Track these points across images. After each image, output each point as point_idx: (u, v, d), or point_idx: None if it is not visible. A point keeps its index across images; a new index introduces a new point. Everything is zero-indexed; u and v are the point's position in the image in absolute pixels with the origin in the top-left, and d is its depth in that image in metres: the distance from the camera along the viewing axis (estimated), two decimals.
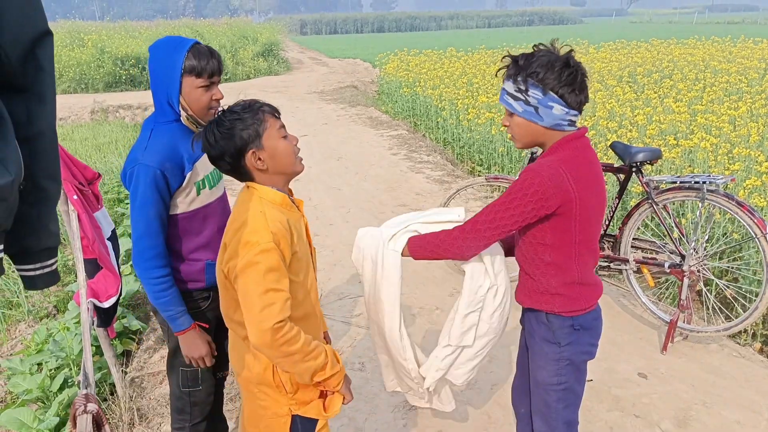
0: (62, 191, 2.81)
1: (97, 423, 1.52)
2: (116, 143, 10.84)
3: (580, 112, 1.80)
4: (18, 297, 4.65)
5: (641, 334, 3.76)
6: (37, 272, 1.14)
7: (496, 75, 1.91)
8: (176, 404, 2.40)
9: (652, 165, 3.63)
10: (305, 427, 1.89)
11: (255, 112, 1.72)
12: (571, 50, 1.80)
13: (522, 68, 1.76)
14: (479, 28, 64.85)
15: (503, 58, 1.86)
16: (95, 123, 13.33)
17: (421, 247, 2.01)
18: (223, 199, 2.35)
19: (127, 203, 6.67)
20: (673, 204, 4.31)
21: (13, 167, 0.95)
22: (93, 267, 2.99)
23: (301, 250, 1.78)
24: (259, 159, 1.72)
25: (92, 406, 1.49)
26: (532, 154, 4.10)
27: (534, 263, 1.93)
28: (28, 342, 3.82)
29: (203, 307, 2.26)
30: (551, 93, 1.74)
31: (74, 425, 1.46)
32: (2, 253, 1.01)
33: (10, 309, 4.62)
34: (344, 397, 1.87)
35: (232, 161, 1.73)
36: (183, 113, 2.11)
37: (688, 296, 3.50)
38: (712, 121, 6.31)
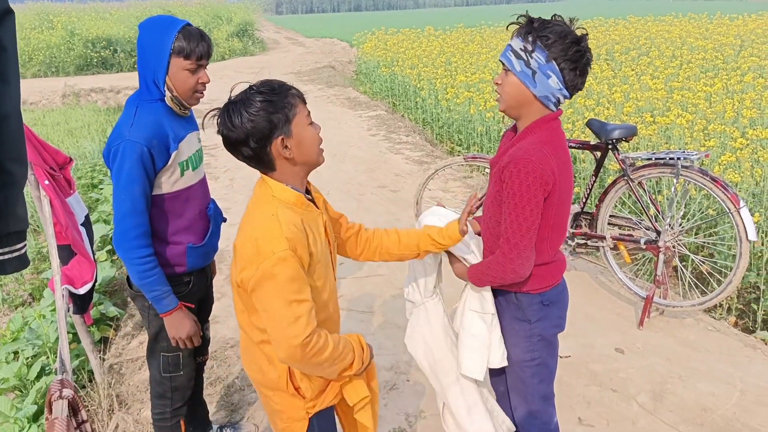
0: (33, 176, 2.76)
1: (73, 408, 1.50)
2: (89, 127, 10.65)
3: (571, 96, 1.79)
4: None
5: (618, 310, 3.81)
6: (6, 257, 1.11)
7: (507, 28, 1.87)
8: (157, 389, 2.38)
9: (627, 142, 3.64)
10: (322, 423, 1.83)
11: (285, 95, 1.59)
12: (586, 33, 1.77)
13: (535, 29, 1.73)
14: (457, 6, 64.55)
15: (519, 16, 1.81)
16: (67, 107, 13.08)
17: (479, 279, 1.94)
18: (204, 182, 2.32)
19: (100, 189, 6.57)
20: (650, 181, 4.36)
21: None
22: (67, 253, 2.94)
23: (318, 251, 1.68)
24: (286, 147, 1.60)
25: (68, 392, 1.47)
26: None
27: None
28: (4, 331, 3.76)
29: (184, 291, 2.23)
30: (553, 62, 1.71)
31: (50, 411, 1.44)
32: None
33: None
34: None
35: (257, 147, 1.59)
36: (168, 93, 2.08)
37: (663, 272, 3.54)
38: (688, 98, 6.36)
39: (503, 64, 1.82)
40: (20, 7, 28.45)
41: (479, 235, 2.08)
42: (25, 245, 1.14)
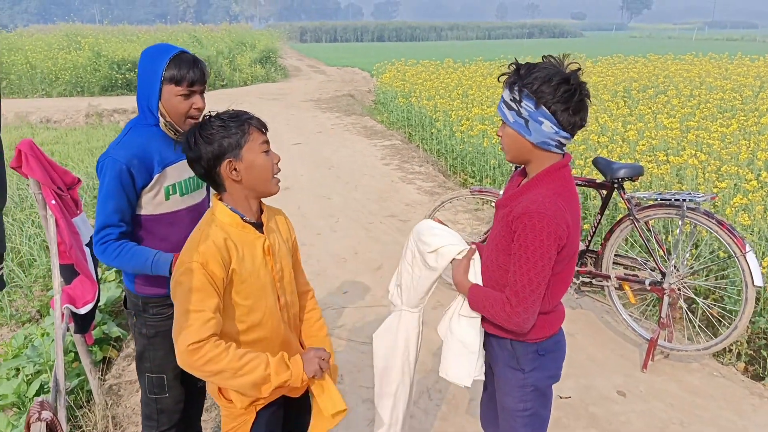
0: (41, 195, 2.80)
1: (51, 430, 1.51)
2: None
3: (572, 136, 1.74)
4: (1, 301, 4.62)
5: (622, 351, 3.75)
6: None
7: (498, 80, 1.86)
8: (144, 410, 2.39)
9: (633, 181, 3.62)
10: (263, 415, 1.90)
11: (241, 122, 1.72)
12: (579, 69, 1.74)
13: (521, 77, 1.72)
14: (479, 40, 65.15)
15: (510, 65, 1.80)
16: (89, 127, 13.31)
17: (478, 306, 1.90)
18: (196, 208, 2.31)
19: None
20: (655, 221, 4.32)
21: None
22: (70, 273, 2.97)
23: (246, 271, 1.75)
24: (235, 169, 1.72)
25: (46, 414, 1.48)
26: (516, 167, 4.09)
27: (501, 288, 1.87)
28: (6, 347, 3.79)
29: (167, 314, 2.24)
30: (543, 107, 1.68)
31: None
32: None
33: None
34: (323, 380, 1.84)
35: (207, 167, 1.72)
36: (161, 119, 2.13)
37: (668, 314, 3.48)
38: (703, 138, 6.33)
39: (500, 116, 1.81)
40: (51, 28, 29.27)
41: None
42: (2, 267, 1.15)
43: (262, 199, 1.88)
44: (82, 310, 2.97)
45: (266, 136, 1.78)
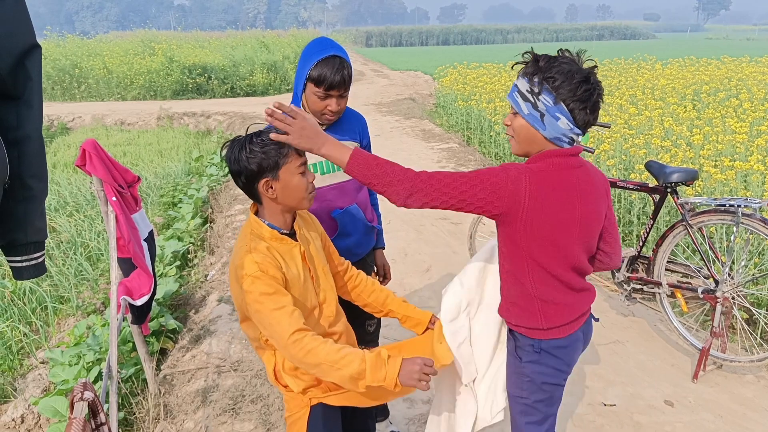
0: (103, 192, 2.97)
1: (93, 411, 1.61)
2: (177, 149, 11.26)
3: (584, 133, 1.74)
4: (69, 292, 4.91)
5: (674, 360, 3.64)
6: (24, 264, 1.23)
7: (512, 68, 1.86)
8: None
9: (688, 186, 3.51)
10: (318, 412, 1.99)
11: (281, 144, 1.80)
12: (595, 66, 1.73)
13: (541, 69, 1.69)
14: (547, 42, 64.03)
15: (524, 54, 1.78)
16: (160, 129, 13.90)
17: (365, 167, 1.71)
18: (338, 187, 2.44)
19: (179, 207, 6.93)
20: (713, 228, 4.17)
21: None
22: (128, 266, 3.13)
23: (293, 276, 1.88)
24: (271, 188, 1.83)
25: (88, 394, 1.58)
26: None
27: (502, 270, 1.91)
28: (70, 335, 4.03)
29: None
30: (562, 104, 1.67)
31: (72, 411, 1.55)
32: None
33: (62, 303, 4.88)
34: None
35: (247, 182, 1.84)
36: (303, 108, 2.32)
37: (721, 323, 3.36)
38: None
39: (511, 104, 1.80)
40: (128, 35, 30.64)
41: None
42: (42, 254, 1.26)
43: None
44: (139, 302, 3.11)
45: (304, 157, 1.86)
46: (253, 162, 1.78)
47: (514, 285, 1.86)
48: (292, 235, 1.97)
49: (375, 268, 2.78)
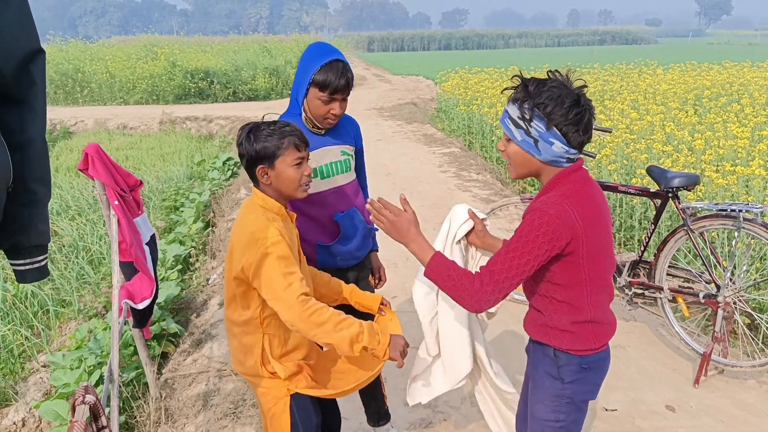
0: (105, 196, 2.98)
1: (94, 414, 1.62)
2: (180, 153, 11.28)
3: (581, 152, 1.75)
4: (71, 296, 4.92)
5: (675, 365, 3.63)
6: (27, 267, 1.24)
7: (501, 93, 1.87)
8: None
9: (689, 191, 3.51)
10: (299, 403, 2.08)
11: (281, 135, 1.96)
12: (584, 86, 1.73)
13: (531, 95, 1.68)
14: (549, 47, 64.14)
15: (513, 77, 1.78)
16: (162, 133, 13.92)
17: (437, 274, 1.80)
18: (339, 190, 2.47)
19: (181, 211, 6.95)
20: (716, 232, 4.17)
21: None
22: (130, 270, 3.14)
23: (293, 252, 1.98)
24: (266, 174, 1.99)
25: (90, 397, 1.58)
26: None
27: (544, 300, 1.87)
28: (71, 339, 4.03)
29: None
30: (555, 129, 1.67)
31: (73, 414, 1.56)
32: None
33: (63, 307, 4.89)
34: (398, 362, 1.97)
35: (248, 166, 2.00)
36: (304, 113, 2.36)
37: (723, 328, 3.36)
38: None
39: (503, 131, 1.80)
40: (131, 39, 30.73)
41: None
42: (45, 258, 1.27)
43: None
44: (140, 306, 3.12)
45: (302, 152, 2.00)
46: (254, 149, 1.94)
47: (567, 314, 1.83)
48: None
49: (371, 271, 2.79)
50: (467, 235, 2.11)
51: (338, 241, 2.48)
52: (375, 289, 2.76)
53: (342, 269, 2.54)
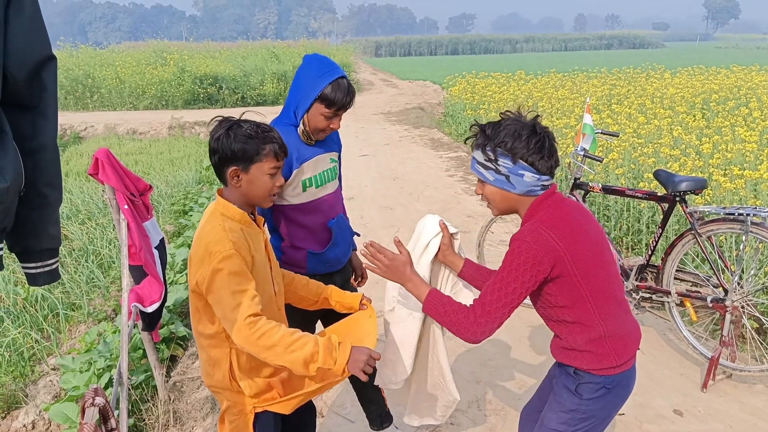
0: (115, 201, 3.01)
1: (104, 416, 1.63)
2: (188, 158, 11.33)
3: (552, 177, 1.82)
4: (81, 299, 4.95)
5: (683, 370, 3.62)
6: (38, 270, 1.26)
7: (465, 143, 1.95)
8: None
9: (696, 195, 3.51)
10: (263, 420, 2.01)
11: (264, 141, 1.84)
12: (537, 116, 1.84)
13: (489, 138, 1.80)
14: (555, 51, 64.08)
15: (471, 126, 1.90)
16: (171, 138, 13.98)
17: (434, 311, 1.88)
18: (330, 198, 2.53)
19: (189, 215, 6.99)
20: (724, 236, 4.16)
21: (9, 175, 1.07)
22: (139, 273, 3.17)
23: (258, 261, 1.90)
24: (237, 177, 1.86)
25: (99, 400, 1.60)
26: (576, 179, 4.04)
27: (559, 325, 1.91)
28: (81, 342, 4.06)
29: None
30: (521, 161, 1.76)
31: (83, 417, 1.58)
32: (1, 251, 1.13)
33: (73, 311, 4.92)
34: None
35: (219, 163, 1.86)
36: (301, 126, 2.36)
37: (731, 332, 3.35)
38: None
39: (476, 176, 1.89)
40: (141, 45, 30.96)
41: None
42: (56, 261, 1.29)
43: None
44: (149, 309, 3.14)
45: (280, 161, 1.90)
46: (230, 147, 1.80)
47: (581, 334, 1.85)
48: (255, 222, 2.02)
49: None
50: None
51: (329, 248, 2.53)
52: (358, 288, 2.80)
53: (330, 274, 2.58)
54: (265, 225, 2.20)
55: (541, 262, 1.73)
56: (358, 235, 2.80)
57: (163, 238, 3.40)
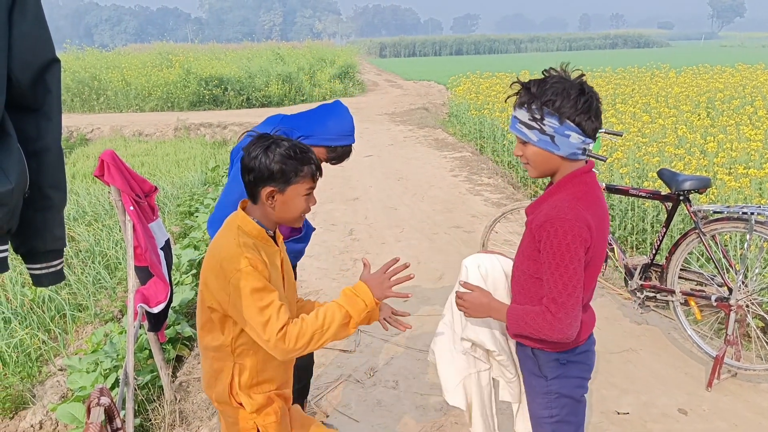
0: (120, 202, 3.03)
1: (109, 415, 1.65)
2: (194, 159, 11.37)
3: (594, 140, 1.77)
4: (87, 300, 4.98)
5: (688, 369, 3.62)
6: (43, 271, 1.28)
7: (505, 101, 1.89)
8: None
9: (700, 194, 3.51)
10: None
11: (302, 162, 1.80)
12: (582, 74, 1.75)
13: (536, 96, 1.70)
14: (560, 51, 63.94)
15: (512, 84, 1.82)
16: (177, 140, 14.04)
17: (518, 326, 1.85)
18: None
19: (195, 216, 7.02)
20: (729, 235, 4.15)
21: (14, 177, 1.09)
22: (145, 274, 3.18)
23: (274, 279, 1.85)
24: (272, 197, 1.81)
25: (105, 400, 1.62)
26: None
27: (530, 298, 1.87)
28: (87, 342, 4.09)
29: None
30: (568, 121, 1.69)
31: (89, 416, 1.59)
32: (6, 252, 1.15)
33: (80, 311, 4.95)
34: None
35: (254, 182, 1.80)
36: None
37: (735, 331, 3.35)
38: None
39: (517, 136, 1.82)
40: (146, 47, 31.06)
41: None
42: (61, 262, 1.31)
43: None
44: (155, 310, 3.16)
45: (315, 183, 1.86)
46: (269, 167, 1.75)
47: None
48: (272, 239, 1.97)
49: None
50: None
51: (297, 241, 2.66)
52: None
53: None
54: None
55: (585, 238, 1.70)
56: (314, 229, 2.89)
57: (168, 239, 3.42)
